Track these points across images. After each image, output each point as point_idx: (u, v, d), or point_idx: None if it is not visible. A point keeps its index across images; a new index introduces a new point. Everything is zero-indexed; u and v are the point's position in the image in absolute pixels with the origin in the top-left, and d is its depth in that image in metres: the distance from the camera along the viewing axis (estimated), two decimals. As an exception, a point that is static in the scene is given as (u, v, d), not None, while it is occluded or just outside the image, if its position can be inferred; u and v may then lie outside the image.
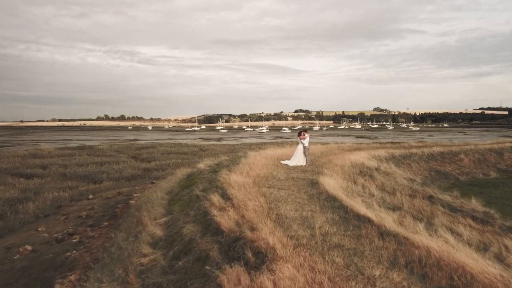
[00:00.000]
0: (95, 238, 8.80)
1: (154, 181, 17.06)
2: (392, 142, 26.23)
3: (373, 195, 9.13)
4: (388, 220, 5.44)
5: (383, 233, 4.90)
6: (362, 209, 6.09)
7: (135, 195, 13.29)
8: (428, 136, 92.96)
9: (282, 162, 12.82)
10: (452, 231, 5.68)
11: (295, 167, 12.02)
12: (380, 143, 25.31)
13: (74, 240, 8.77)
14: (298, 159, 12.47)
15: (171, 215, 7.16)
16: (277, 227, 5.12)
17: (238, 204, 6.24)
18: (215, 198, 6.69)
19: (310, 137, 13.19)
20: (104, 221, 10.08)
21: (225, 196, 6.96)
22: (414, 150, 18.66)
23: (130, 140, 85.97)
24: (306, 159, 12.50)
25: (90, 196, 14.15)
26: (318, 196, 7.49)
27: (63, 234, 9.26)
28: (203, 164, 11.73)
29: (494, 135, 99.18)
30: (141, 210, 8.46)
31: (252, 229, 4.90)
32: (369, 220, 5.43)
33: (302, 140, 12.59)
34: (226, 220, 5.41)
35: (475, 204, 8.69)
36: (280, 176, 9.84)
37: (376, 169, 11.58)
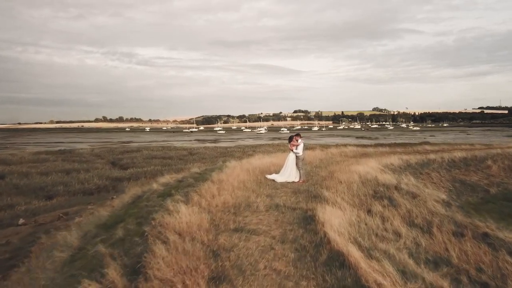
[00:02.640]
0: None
1: (114, 196, 13.83)
2: (402, 145, 23.02)
3: (400, 235, 5.93)
4: None
5: None
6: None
7: (76, 220, 10.04)
8: (431, 136, 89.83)
9: (268, 176, 9.62)
10: None
11: (284, 185, 8.82)
12: (389, 146, 22.14)
13: None
14: (288, 173, 9.26)
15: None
16: None
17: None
18: (114, 273, 3.47)
19: (310, 138, 9.97)
20: None
21: (139, 266, 3.73)
22: (432, 156, 15.45)
23: (123, 142, 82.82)
24: (300, 173, 9.29)
25: (21, 221, 10.88)
26: (314, 255, 4.29)
27: None
28: (156, 184, 8.52)
29: (498, 135, 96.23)
30: (30, 263, 5.24)
31: None
32: None
33: (294, 148, 9.38)
34: None
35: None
36: (259, 205, 6.63)
37: (396, 188, 8.42)
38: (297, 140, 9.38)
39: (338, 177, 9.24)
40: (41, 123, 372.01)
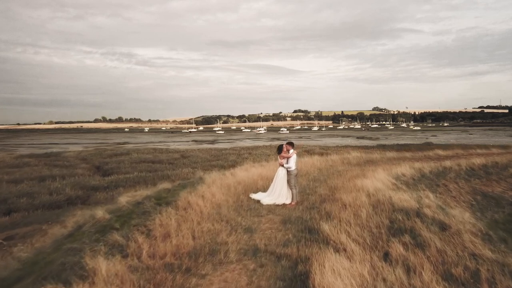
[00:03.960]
0: None
1: (64, 218, 11.75)
2: (410, 150, 20.98)
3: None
4: None
5: None
6: None
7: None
8: (432, 136, 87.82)
9: (253, 196, 7.61)
10: None
11: (271, 209, 6.81)
12: (395, 151, 20.07)
13: None
14: (278, 193, 7.23)
15: None
16: None
17: None
18: None
19: (309, 138, 7.99)
20: None
21: None
22: (447, 163, 13.43)
23: (119, 143, 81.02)
24: (292, 194, 7.27)
25: None
26: None
27: None
28: (102, 211, 6.48)
29: (500, 134, 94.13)
30: None
31: None
32: None
33: (284, 162, 7.34)
34: None
35: None
36: (230, 249, 4.61)
37: (418, 214, 6.43)
38: (288, 151, 7.35)
39: (341, 197, 7.22)
40: (40, 123, 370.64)
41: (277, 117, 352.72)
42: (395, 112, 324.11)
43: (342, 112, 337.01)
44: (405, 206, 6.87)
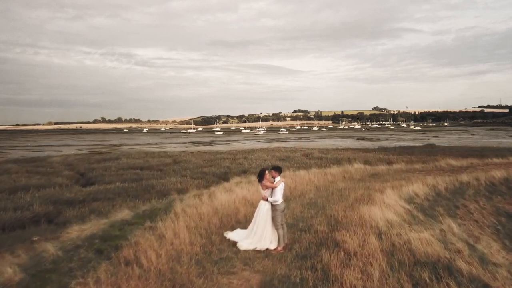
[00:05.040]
0: None
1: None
2: (414, 154, 19.20)
3: None
4: None
5: None
6: None
7: None
8: (434, 137, 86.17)
9: (229, 236, 5.84)
10: None
11: (248, 261, 5.04)
12: (404, 161, 18.28)
13: None
14: (260, 235, 5.45)
15: None
16: None
17: None
18: None
19: (309, 140, 6.36)
20: None
21: None
22: (464, 177, 11.64)
23: (115, 145, 79.61)
24: (278, 235, 5.48)
25: None
26: None
27: None
28: (12, 269, 4.76)
29: (503, 135, 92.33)
30: None
31: None
32: None
33: (267, 193, 5.53)
34: None
35: None
36: None
37: (449, 270, 4.67)
38: (274, 178, 5.56)
39: (343, 239, 5.45)
40: (39, 124, 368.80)
41: (277, 117, 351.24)
42: (395, 112, 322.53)
43: (342, 112, 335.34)
44: (430, 253, 5.10)
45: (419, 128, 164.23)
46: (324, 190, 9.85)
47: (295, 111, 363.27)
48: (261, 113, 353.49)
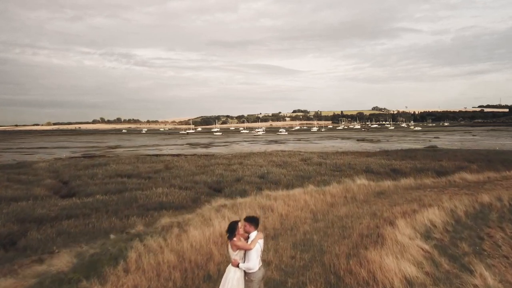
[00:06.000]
0: None
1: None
2: (417, 158, 17.56)
3: None
4: None
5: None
6: None
7: None
8: (435, 138, 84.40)
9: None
10: None
11: None
12: (412, 174, 16.57)
13: None
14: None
15: None
16: None
17: None
18: None
19: (308, 141, 6.83)
20: None
21: None
22: (484, 198, 10.02)
23: (110, 147, 78.03)
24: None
25: None
26: None
27: None
28: None
29: (505, 135, 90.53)
30: None
31: None
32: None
33: (238, 257, 3.85)
34: None
35: None
36: None
37: None
38: (248, 234, 3.92)
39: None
40: (38, 124, 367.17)
41: (276, 117, 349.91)
42: (395, 112, 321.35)
43: (342, 112, 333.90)
44: None
45: (419, 128, 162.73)
46: (322, 218, 8.21)
47: (294, 111, 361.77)
48: (260, 113, 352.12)
